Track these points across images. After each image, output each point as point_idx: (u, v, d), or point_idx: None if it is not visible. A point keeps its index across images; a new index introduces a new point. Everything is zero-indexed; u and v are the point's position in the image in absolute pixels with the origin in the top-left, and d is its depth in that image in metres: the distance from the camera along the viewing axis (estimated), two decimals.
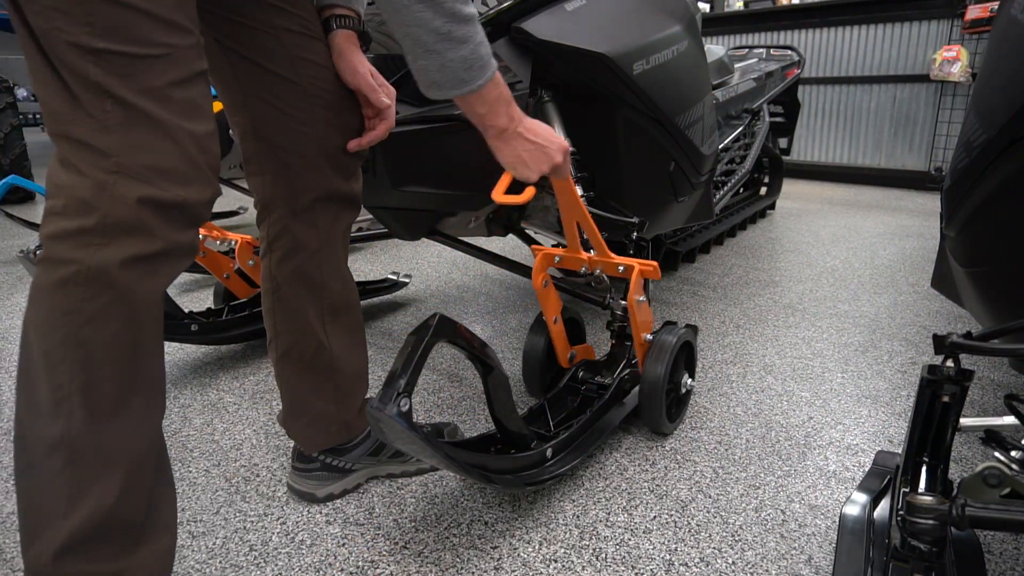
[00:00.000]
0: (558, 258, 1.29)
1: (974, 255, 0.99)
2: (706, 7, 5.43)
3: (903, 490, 0.78)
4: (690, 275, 2.42)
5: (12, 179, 2.78)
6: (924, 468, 0.81)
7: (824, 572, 0.94)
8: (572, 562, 0.97)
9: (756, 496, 1.12)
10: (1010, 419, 0.88)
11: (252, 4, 0.88)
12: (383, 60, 1.36)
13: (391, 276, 2.22)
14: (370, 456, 1.14)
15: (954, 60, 3.77)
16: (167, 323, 1.56)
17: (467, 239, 1.71)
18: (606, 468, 1.21)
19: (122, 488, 0.70)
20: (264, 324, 1.06)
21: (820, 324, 1.91)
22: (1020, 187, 0.83)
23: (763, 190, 3.49)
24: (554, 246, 1.34)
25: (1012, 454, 0.82)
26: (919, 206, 3.71)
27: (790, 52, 3.34)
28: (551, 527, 1.05)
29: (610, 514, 1.08)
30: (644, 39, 1.40)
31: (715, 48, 2.68)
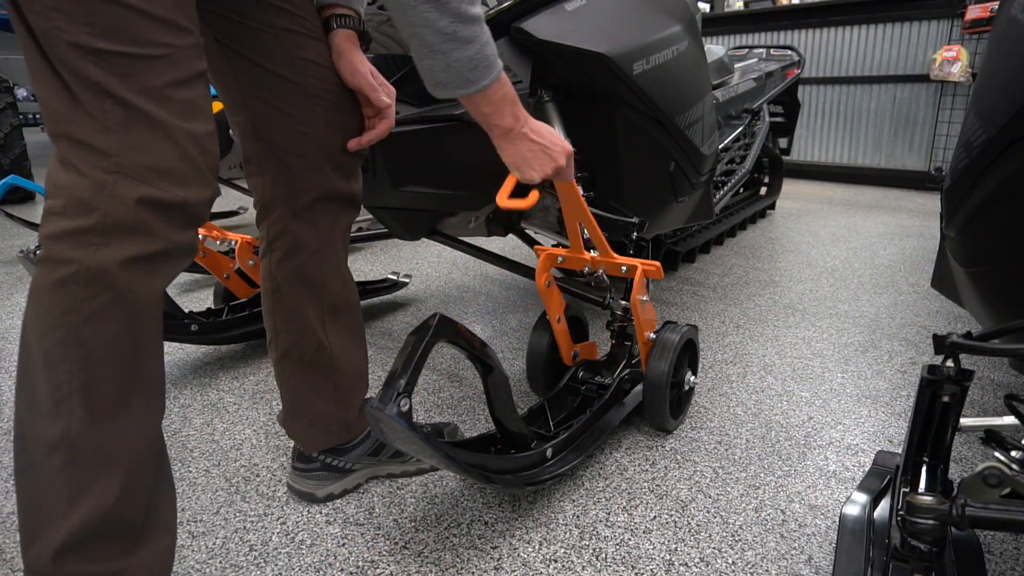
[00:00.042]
0: (561, 258, 1.29)
1: (974, 255, 0.99)
2: (706, 7, 5.43)
3: (903, 490, 0.78)
4: (690, 275, 2.42)
5: (12, 179, 2.79)
6: (924, 468, 0.81)
7: (824, 572, 0.94)
8: (572, 562, 0.97)
9: (756, 496, 1.12)
10: (1010, 419, 0.88)
11: (252, 4, 0.88)
12: (383, 60, 1.36)
13: (391, 276, 2.22)
14: (370, 456, 1.14)
15: (954, 60, 3.77)
16: (167, 323, 1.56)
17: (467, 239, 1.71)
18: (606, 468, 1.21)
19: (122, 488, 0.70)
20: (264, 324, 1.06)
21: (820, 324, 1.91)
22: (1020, 187, 0.83)
23: (763, 190, 3.49)
24: (554, 246, 1.34)
25: (1012, 454, 0.82)
26: (919, 206, 3.71)
27: (790, 52, 3.34)
28: (551, 527, 1.05)
29: (610, 514, 1.08)
30: (644, 39, 1.40)
31: (715, 48, 2.68)
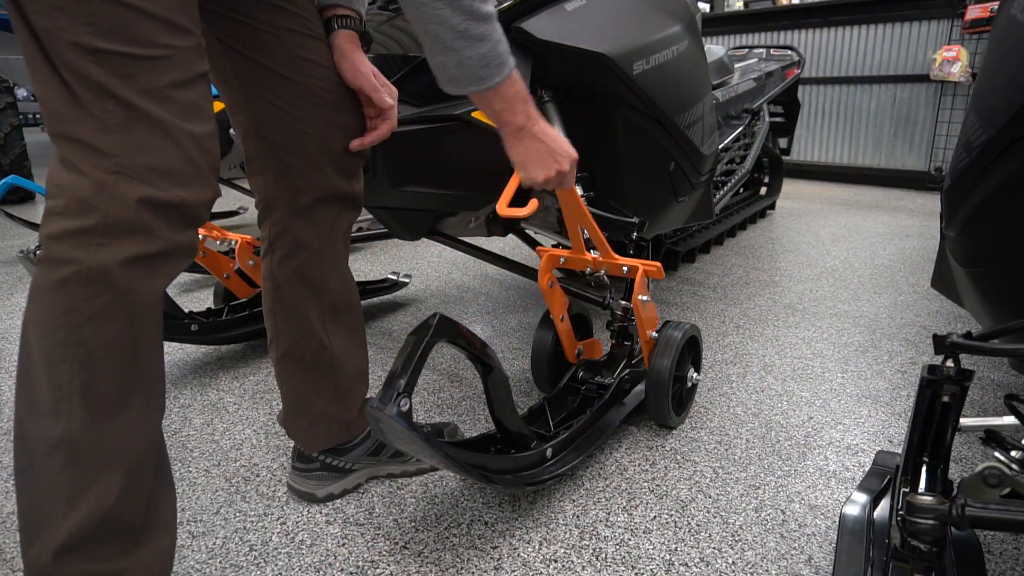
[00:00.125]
0: (564, 259, 1.29)
1: (974, 255, 0.99)
2: (706, 7, 5.43)
3: (903, 490, 0.78)
4: (690, 275, 2.42)
5: (12, 179, 2.78)
6: (924, 468, 0.81)
7: (824, 572, 0.94)
8: (572, 562, 0.97)
9: (756, 496, 1.12)
10: (1010, 419, 0.88)
11: (254, 4, 0.88)
12: (383, 60, 1.36)
13: (391, 276, 2.22)
14: (370, 456, 1.14)
15: (954, 60, 3.77)
16: (167, 323, 1.56)
17: (467, 239, 1.71)
18: (606, 468, 1.21)
19: (122, 488, 0.70)
20: (265, 324, 1.06)
21: (820, 324, 1.91)
22: (1020, 187, 0.83)
23: (763, 190, 3.49)
24: (554, 246, 1.34)
25: (1012, 454, 0.82)
26: (919, 206, 3.71)
27: (790, 52, 3.34)
28: (551, 527, 1.05)
29: (610, 514, 1.08)
30: (644, 39, 1.40)
31: (715, 48, 2.67)
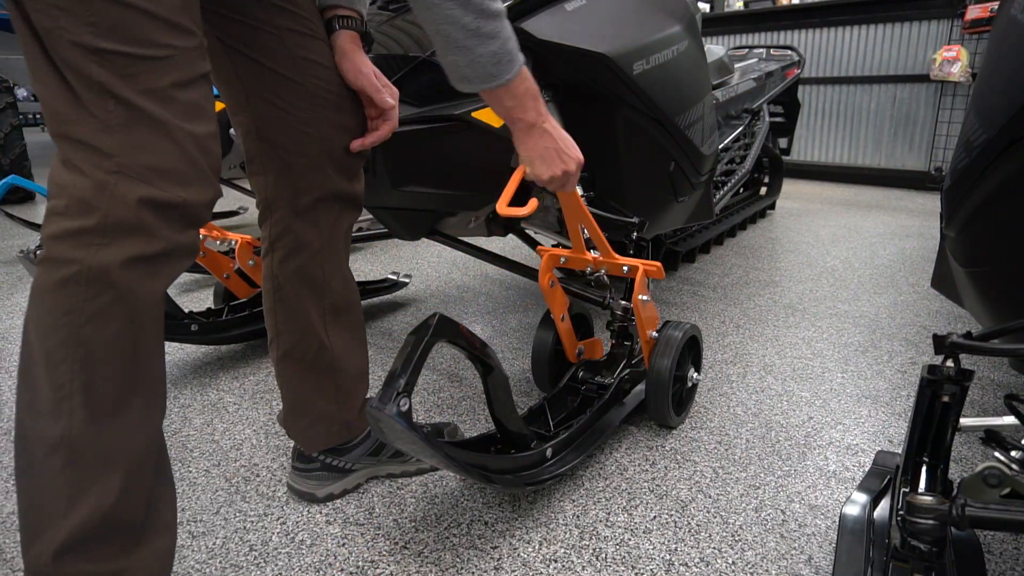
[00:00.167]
0: (564, 259, 1.29)
1: (974, 255, 0.99)
2: (706, 7, 5.43)
3: (903, 490, 0.78)
4: (690, 275, 2.42)
5: (12, 179, 2.78)
6: (924, 468, 0.81)
7: (824, 572, 0.94)
8: (572, 562, 0.97)
9: (756, 496, 1.12)
10: (1010, 419, 0.88)
11: (254, 4, 0.88)
12: (383, 60, 1.36)
13: (391, 276, 2.22)
14: (370, 456, 1.14)
15: (954, 60, 3.77)
16: (167, 323, 1.56)
17: (467, 239, 1.71)
18: (606, 468, 1.21)
19: (122, 488, 0.70)
20: (265, 324, 1.06)
21: (820, 324, 1.91)
22: (1020, 187, 0.83)
23: (763, 190, 3.49)
24: (554, 246, 1.34)
25: (1012, 454, 0.82)
26: (919, 206, 3.71)
27: (790, 52, 3.34)
28: (551, 527, 1.05)
29: (610, 514, 1.08)
30: (644, 39, 1.40)
31: (715, 48, 2.67)
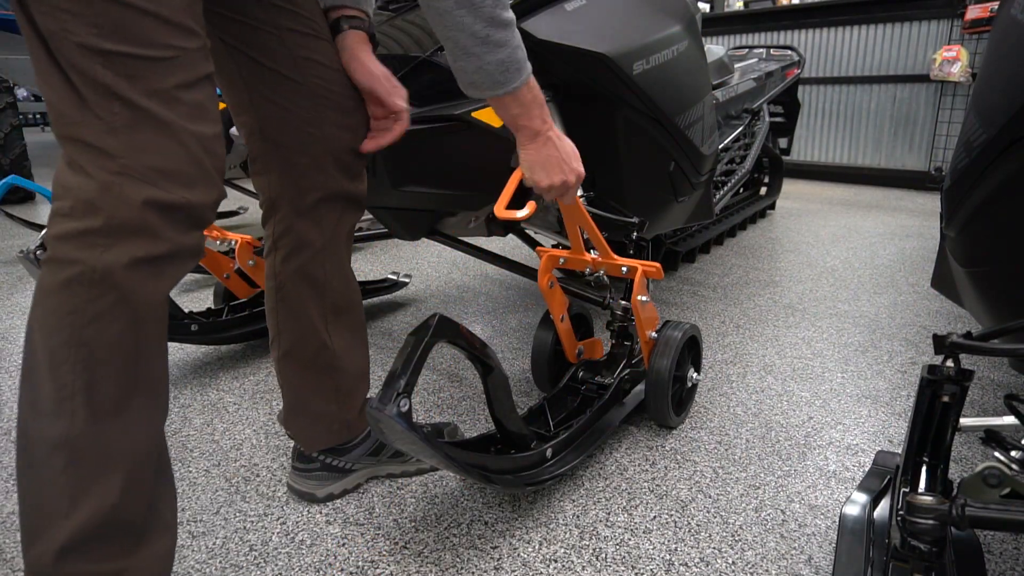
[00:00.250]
0: (563, 259, 1.29)
1: (974, 255, 0.99)
2: (706, 7, 5.43)
3: (903, 490, 0.78)
4: (690, 275, 2.42)
5: (12, 179, 2.78)
6: (924, 468, 0.81)
7: (824, 572, 0.94)
8: (572, 562, 0.97)
9: (756, 496, 1.12)
10: (1010, 419, 0.88)
11: (255, 4, 0.88)
12: (384, 60, 1.36)
13: (391, 276, 2.22)
14: (370, 456, 1.14)
15: (954, 60, 3.77)
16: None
17: (467, 239, 1.71)
18: (606, 468, 1.21)
19: (124, 488, 0.70)
20: (266, 323, 1.07)
21: (820, 324, 1.91)
22: (1020, 187, 0.83)
23: (763, 190, 3.49)
24: (554, 246, 1.34)
25: (1012, 454, 0.82)
26: (919, 206, 3.71)
27: (790, 52, 3.34)
28: (551, 527, 1.05)
29: (610, 514, 1.08)
30: (644, 39, 1.40)
31: (715, 48, 2.67)
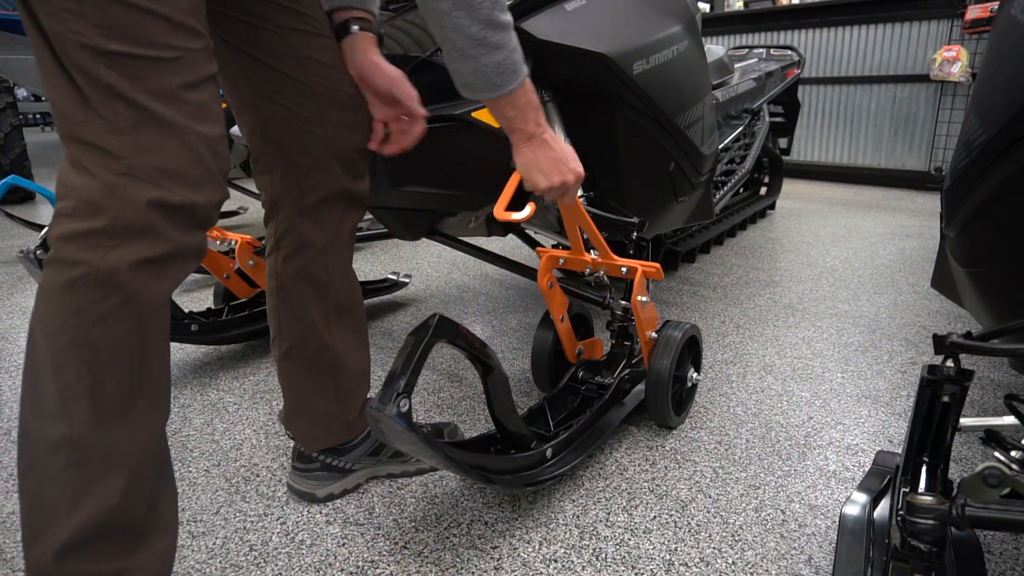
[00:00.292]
0: (563, 260, 1.29)
1: (974, 255, 0.99)
2: (706, 7, 5.43)
3: (903, 490, 0.78)
4: (690, 275, 2.42)
5: (12, 179, 2.78)
6: (924, 468, 0.81)
7: (824, 572, 0.94)
8: (572, 562, 0.97)
9: (756, 496, 1.12)
10: (1010, 419, 0.88)
11: (257, 3, 0.88)
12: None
13: (391, 276, 2.22)
14: (370, 456, 1.14)
15: (954, 60, 3.77)
16: None
17: (467, 239, 1.71)
18: (606, 468, 1.21)
19: (125, 488, 0.70)
20: (268, 322, 1.07)
21: (820, 324, 1.91)
22: (1020, 187, 0.83)
23: (763, 190, 3.49)
24: (554, 246, 1.34)
25: (1012, 454, 0.82)
26: (919, 206, 3.71)
27: (790, 52, 3.34)
28: (551, 527, 1.05)
29: (610, 514, 1.08)
30: (644, 39, 1.40)
31: (715, 48, 2.67)
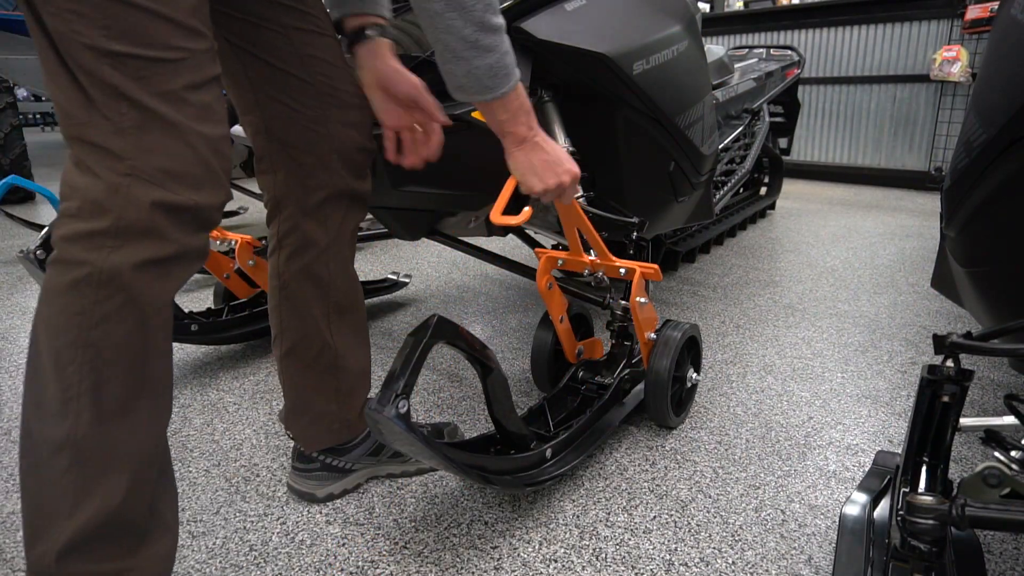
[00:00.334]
0: (561, 261, 1.30)
1: (974, 255, 0.99)
2: (706, 7, 5.43)
3: (903, 490, 0.78)
4: (690, 275, 2.42)
5: (12, 179, 2.78)
6: (924, 468, 0.81)
7: (824, 572, 0.94)
8: (572, 562, 0.97)
9: (756, 496, 1.12)
10: (1010, 419, 0.88)
11: (261, 3, 0.88)
12: None
13: (391, 276, 2.22)
14: (370, 456, 1.14)
15: (954, 60, 3.77)
16: None
17: (467, 239, 1.71)
18: (606, 468, 1.21)
19: (127, 489, 0.70)
20: (270, 322, 1.07)
21: (820, 324, 1.91)
22: (1020, 187, 0.83)
23: (763, 190, 3.49)
24: (554, 246, 1.34)
25: (1012, 454, 0.82)
26: (919, 206, 3.71)
27: (790, 52, 3.34)
28: (551, 527, 1.05)
29: (610, 514, 1.08)
30: (644, 39, 1.40)
31: (715, 48, 2.67)
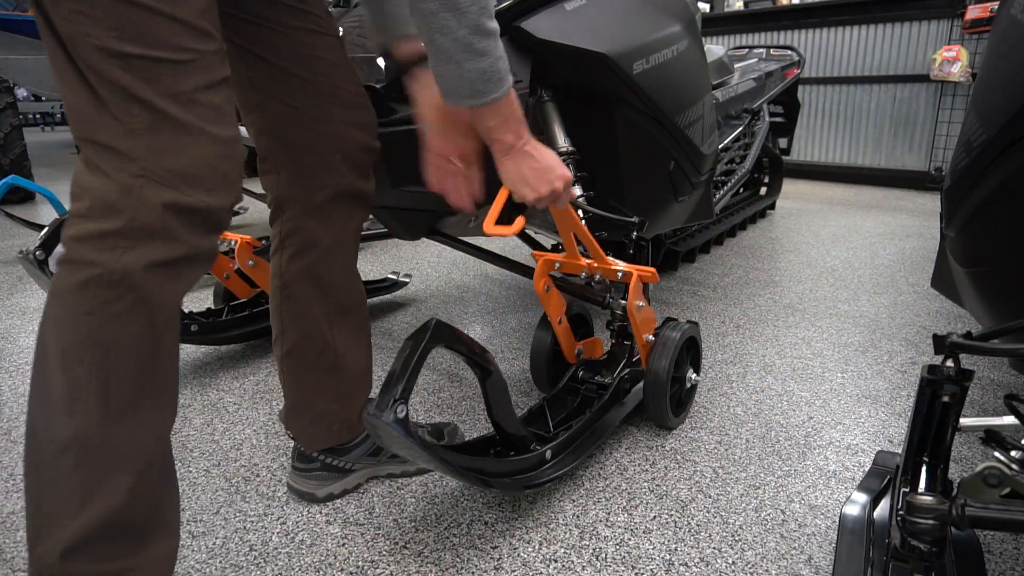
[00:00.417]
0: (559, 264, 1.30)
1: (974, 255, 0.99)
2: (706, 7, 5.43)
3: (903, 490, 0.78)
4: (690, 275, 2.42)
5: (12, 179, 2.78)
6: (924, 468, 0.81)
7: (824, 572, 0.94)
8: (572, 562, 0.97)
9: (756, 496, 1.12)
10: (1010, 419, 0.88)
11: (265, 4, 0.89)
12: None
13: (391, 276, 2.22)
14: (370, 456, 1.14)
15: (954, 60, 3.77)
16: None
17: (467, 239, 1.71)
18: (606, 468, 1.21)
19: (131, 489, 0.70)
20: (271, 321, 1.07)
21: (820, 324, 1.91)
22: (1020, 187, 0.83)
23: (763, 190, 3.49)
24: (554, 246, 1.34)
25: (1012, 454, 0.82)
26: (919, 206, 3.71)
27: (790, 52, 3.34)
28: (551, 527, 1.05)
29: (610, 514, 1.08)
30: (644, 39, 1.40)
31: (715, 48, 2.68)
